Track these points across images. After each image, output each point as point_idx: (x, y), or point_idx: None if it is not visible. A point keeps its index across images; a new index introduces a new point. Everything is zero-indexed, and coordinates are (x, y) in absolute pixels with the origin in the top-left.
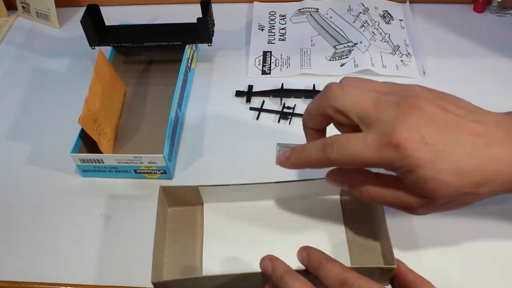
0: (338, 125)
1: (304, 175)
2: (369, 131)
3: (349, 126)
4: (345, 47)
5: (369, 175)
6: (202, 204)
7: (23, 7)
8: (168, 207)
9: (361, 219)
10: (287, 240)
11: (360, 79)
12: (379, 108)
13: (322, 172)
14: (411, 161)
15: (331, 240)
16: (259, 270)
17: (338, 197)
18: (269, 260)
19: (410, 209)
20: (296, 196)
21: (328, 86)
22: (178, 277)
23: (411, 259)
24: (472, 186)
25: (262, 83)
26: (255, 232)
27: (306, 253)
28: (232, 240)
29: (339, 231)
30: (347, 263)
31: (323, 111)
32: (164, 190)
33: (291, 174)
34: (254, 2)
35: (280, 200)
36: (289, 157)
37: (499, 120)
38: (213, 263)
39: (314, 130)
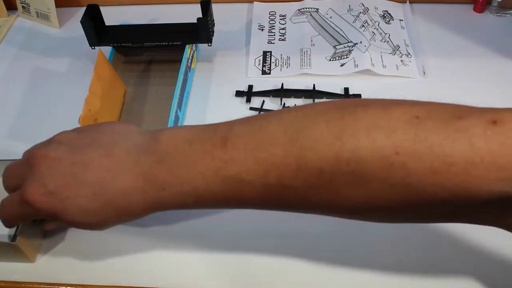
0: None
1: None
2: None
3: None
4: (345, 47)
5: None
6: None
7: (23, 7)
8: None
9: None
10: None
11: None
12: (15, 169)
13: None
14: (45, 213)
15: None
16: None
17: None
18: None
19: None
20: None
21: None
22: None
23: None
24: (110, 220)
25: (262, 83)
26: None
27: None
28: None
29: None
30: None
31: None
32: None
33: None
34: (254, 2)
35: None
36: None
37: (135, 146)
38: None
39: None
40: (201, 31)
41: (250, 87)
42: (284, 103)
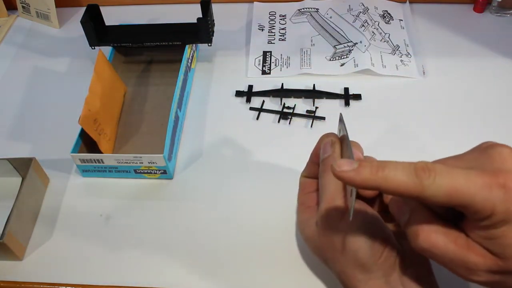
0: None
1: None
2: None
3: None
4: (345, 47)
5: (436, 219)
6: None
7: (23, 7)
8: None
9: None
10: None
11: None
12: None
13: None
14: None
15: None
16: None
17: None
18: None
19: (470, 271)
20: None
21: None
22: None
23: None
24: None
25: (262, 83)
26: None
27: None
28: None
29: None
30: None
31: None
32: None
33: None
34: (254, 2)
35: None
36: (359, 169)
37: None
38: None
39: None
40: (201, 31)
41: (250, 87)
42: (284, 103)
